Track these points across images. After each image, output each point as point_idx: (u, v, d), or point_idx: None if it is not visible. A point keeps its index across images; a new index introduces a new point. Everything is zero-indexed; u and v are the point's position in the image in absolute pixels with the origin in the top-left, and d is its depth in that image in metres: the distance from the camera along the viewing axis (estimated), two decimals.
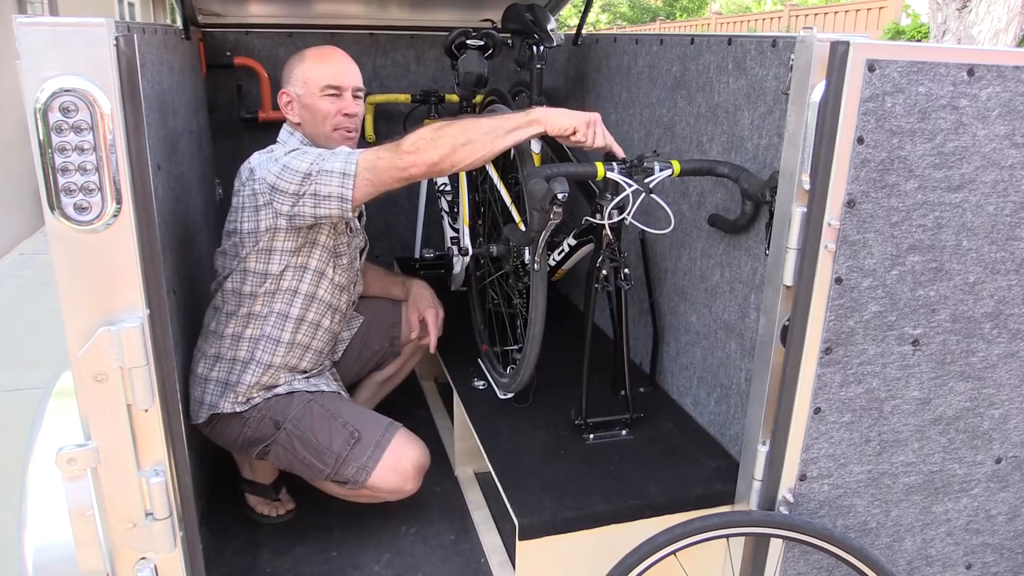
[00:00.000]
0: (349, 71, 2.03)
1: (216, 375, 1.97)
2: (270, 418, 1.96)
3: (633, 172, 1.74)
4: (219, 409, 1.96)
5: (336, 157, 1.78)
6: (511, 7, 2.46)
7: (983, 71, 1.41)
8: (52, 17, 1.14)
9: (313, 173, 1.77)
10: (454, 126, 1.74)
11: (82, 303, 1.21)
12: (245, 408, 1.96)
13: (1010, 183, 1.51)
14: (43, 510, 1.61)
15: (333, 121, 2.01)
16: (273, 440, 1.96)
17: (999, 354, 1.64)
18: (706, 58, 1.94)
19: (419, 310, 2.37)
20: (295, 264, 1.95)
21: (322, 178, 1.77)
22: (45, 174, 1.15)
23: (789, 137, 1.47)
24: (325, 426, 1.94)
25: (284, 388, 2.00)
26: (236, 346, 1.97)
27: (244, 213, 1.90)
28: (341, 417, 1.96)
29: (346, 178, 1.75)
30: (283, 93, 2.03)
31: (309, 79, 1.99)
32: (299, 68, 2.01)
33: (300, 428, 1.95)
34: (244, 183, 1.90)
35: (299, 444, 1.94)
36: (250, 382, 1.96)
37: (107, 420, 1.25)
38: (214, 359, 1.98)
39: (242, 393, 1.96)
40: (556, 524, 1.68)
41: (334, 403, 2.02)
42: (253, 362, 1.97)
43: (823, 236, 1.43)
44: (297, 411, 1.96)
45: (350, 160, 1.76)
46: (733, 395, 1.91)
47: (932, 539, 1.79)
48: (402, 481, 1.94)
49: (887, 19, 11.19)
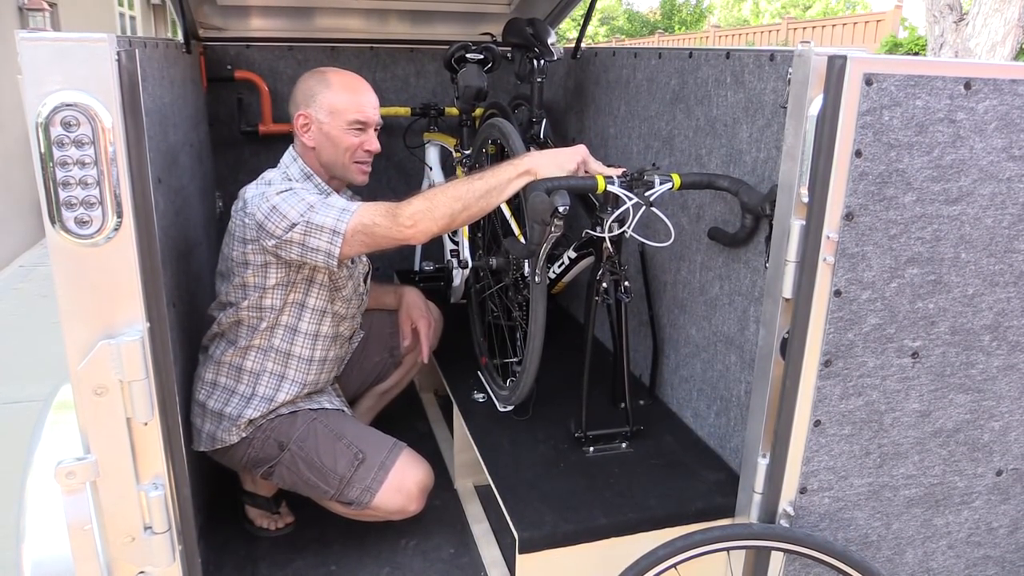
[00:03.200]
0: (375, 104, 2.00)
1: (214, 405, 1.95)
2: (274, 439, 1.95)
3: (633, 185, 1.75)
4: (223, 443, 1.95)
5: (329, 210, 1.74)
6: (511, 21, 2.47)
7: (980, 84, 1.42)
8: (54, 32, 1.15)
9: (300, 224, 1.74)
10: (447, 193, 1.71)
11: (82, 316, 1.21)
12: (248, 432, 1.95)
13: (1008, 195, 1.51)
14: (42, 524, 1.60)
15: (355, 155, 1.97)
16: (278, 461, 1.95)
17: (999, 366, 1.64)
18: (704, 72, 1.96)
19: (411, 319, 2.37)
20: (291, 301, 1.92)
21: (312, 231, 1.74)
22: (46, 188, 1.15)
23: (787, 150, 1.48)
24: (329, 447, 1.94)
25: (287, 408, 1.99)
26: (237, 377, 1.95)
27: (234, 242, 1.88)
28: (345, 438, 1.96)
29: (336, 235, 1.73)
30: (301, 115, 1.95)
31: (337, 110, 1.93)
32: (325, 94, 1.94)
33: (304, 449, 1.94)
34: (237, 211, 1.88)
35: (303, 465, 1.93)
36: (252, 416, 1.94)
37: (106, 433, 1.25)
38: (211, 386, 1.96)
39: (243, 426, 1.94)
40: (556, 537, 1.68)
41: (338, 422, 2.01)
42: (256, 397, 1.95)
43: (822, 249, 1.44)
44: (301, 431, 1.96)
45: (342, 219, 1.72)
46: (733, 407, 1.91)
47: (933, 552, 1.78)
48: (406, 502, 1.93)
49: (884, 32, 11.25)
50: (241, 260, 1.87)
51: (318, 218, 1.73)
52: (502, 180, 1.72)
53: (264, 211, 1.77)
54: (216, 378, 1.96)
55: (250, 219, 1.81)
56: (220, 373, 1.96)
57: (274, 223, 1.76)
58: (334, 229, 1.73)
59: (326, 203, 1.77)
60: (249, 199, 1.84)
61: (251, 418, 1.94)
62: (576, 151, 1.76)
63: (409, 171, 3.29)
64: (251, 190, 1.87)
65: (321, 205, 1.76)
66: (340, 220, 1.73)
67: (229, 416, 1.94)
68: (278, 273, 1.88)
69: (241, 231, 1.86)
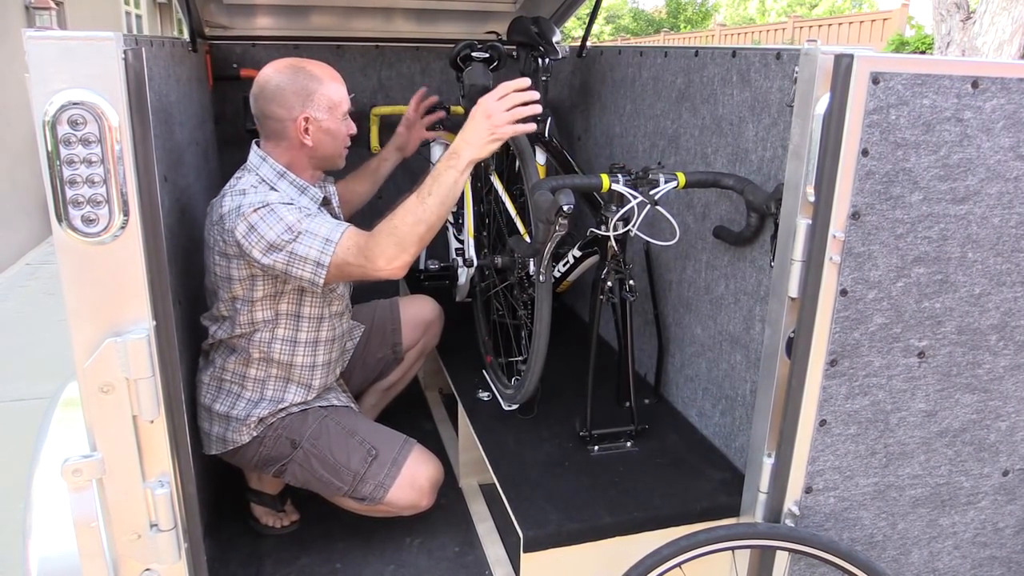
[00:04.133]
0: None
1: (220, 408, 1.94)
2: (286, 437, 1.95)
3: (638, 184, 1.75)
4: (234, 444, 1.95)
5: (312, 240, 1.72)
6: (516, 19, 2.47)
7: (987, 83, 1.41)
8: (61, 31, 1.15)
9: (284, 252, 1.72)
10: (407, 221, 1.70)
11: (89, 314, 1.21)
12: (259, 431, 1.95)
13: (1015, 195, 1.51)
14: (48, 521, 1.61)
15: (345, 142, 1.96)
16: (290, 459, 1.95)
17: (1005, 366, 1.64)
18: (710, 70, 1.95)
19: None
20: (285, 312, 1.90)
21: (295, 261, 1.73)
22: (53, 186, 1.16)
23: (794, 149, 1.47)
24: (342, 443, 1.94)
25: (298, 407, 1.99)
26: (242, 383, 1.95)
27: (215, 255, 1.84)
28: (358, 434, 1.96)
29: (320, 268, 1.73)
30: (304, 117, 1.85)
31: (334, 104, 1.89)
32: (320, 90, 1.86)
33: (317, 446, 1.94)
34: (211, 225, 1.83)
35: (316, 462, 1.93)
36: (261, 414, 1.94)
37: (113, 431, 1.25)
38: (216, 390, 1.96)
39: (253, 424, 1.94)
40: (561, 536, 1.68)
41: (349, 419, 2.01)
42: (264, 400, 1.95)
43: (828, 248, 1.43)
44: (313, 429, 1.96)
45: (326, 251, 1.72)
46: (738, 407, 1.91)
47: (939, 552, 1.77)
48: (418, 497, 1.94)
49: (891, 31, 11.21)
50: (225, 275, 1.84)
51: (302, 248, 1.72)
52: (449, 184, 1.70)
53: (242, 231, 1.74)
54: (220, 383, 1.96)
55: (228, 236, 1.77)
56: (224, 379, 1.96)
57: (252, 245, 1.73)
58: (318, 261, 1.73)
59: (308, 228, 1.73)
60: (225, 213, 1.78)
61: (260, 416, 1.94)
62: (480, 110, 1.68)
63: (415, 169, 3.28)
64: (226, 203, 1.80)
65: (304, 231, 1.73)
66: (324, 252, 1.72)
67: (237, 417, 1.94)
68: (265, 286, 1.85)
69: (221, 246, 1.80)
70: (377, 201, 3.24)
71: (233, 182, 1.89)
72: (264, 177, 1.88)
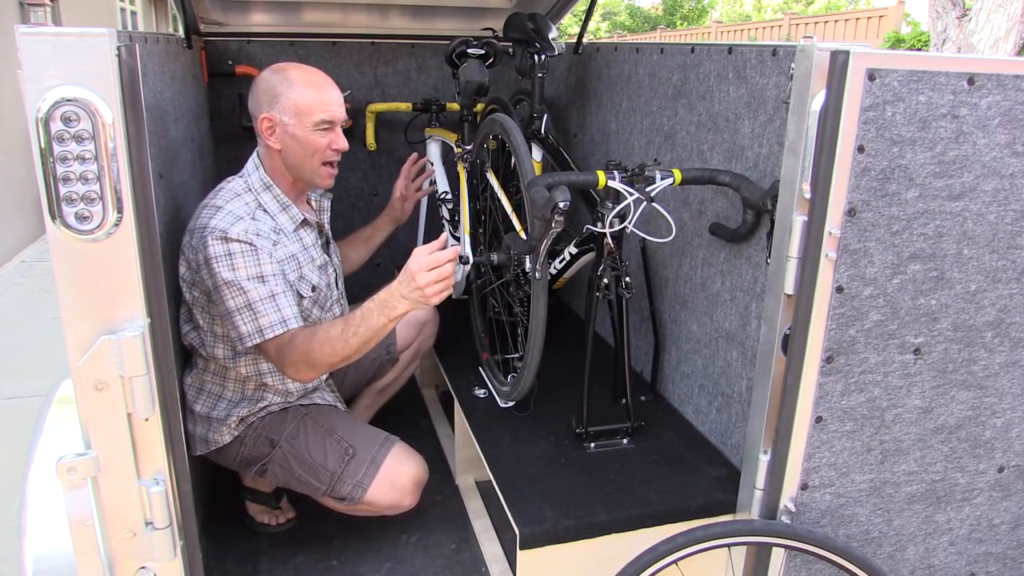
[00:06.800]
0: (340, 101, 1.90)
1: (201, 409, 1.94)
2: (265, 436, 1.95)
3: (634, 181, 1.74)
4: (216, 444, 1.95)
5: (270, 308, 1.75)
6: (512, 16, 2.46)
7: (983, 80, 1.42)
8: (54, 27, 1.14)
9: (237, 302, 1.74)
10: (324, 349, 1.74)
11: (83, 312, 1.21)
12: (240, 431, 1.95)
13: (1011, 192, 1.51)
14: (43, 519, 1.60)
15: (323, 156, 1.89)
16: (270, 459, 1.95)
17: (1001, 363, 1.64)
18: (707, 67, 1.95)
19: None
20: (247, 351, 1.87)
21: (241, 312, 1.74)
22: (47, 183, 1.15)
23: (790, 146, 1.47)
24: (319, 443, 1.93)
25: (278, 405, 1.99)
26: (223, 384, 1.95)
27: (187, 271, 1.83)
28: (336, 433, 1.95)
29: (257, 335, 1.75)
30: (265, 118, 1.84)
31: (302, 111, 1.83)
32: (287, 94, 1.83)
33: (295, 446, 1.93)
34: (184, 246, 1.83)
35: (294, 462, 1.93)
36: (242, 414, 1.94)
37: (107, 429, 1.25)
38: (198, 391, 1.95)
39: (234, 424, 1.94)
40: (557, 533, 1.68)
41: (329, 418, 2.00)
42: (245, 400, 1.95)
43: (824, 245, 1.43)
44: (291, 428, 1.95)
45: (273, 328, 1.75)
46: (734, 404, 1.91)
47: (935, 548, 1.78)
48: (399, 497, 1.93)
49: (887, 28, 11.23)
50: (190, 300, 1.85)
51: (257, 308, 1.74)
52: (377, 328, 1.73)
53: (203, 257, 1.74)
54: (202, 384, 1.95)
55: (192, 253, 1.77)
56: (205, 379, 1.95)
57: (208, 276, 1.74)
58: (260, 329, 1.74)
59: (271, 296, 1.75)
60: (197, 227, 1.77)
61: (241, 416, 1.93)
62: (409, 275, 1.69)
63: None
64: (201, 217, 1.79)
65: (265, 297, 1.75)
66: (272, 328, 1.74)
67: (217, 418, 1.93)
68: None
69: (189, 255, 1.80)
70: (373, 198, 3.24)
71: (224, 184, 1.89)
72: (251, 186, 1.89)
